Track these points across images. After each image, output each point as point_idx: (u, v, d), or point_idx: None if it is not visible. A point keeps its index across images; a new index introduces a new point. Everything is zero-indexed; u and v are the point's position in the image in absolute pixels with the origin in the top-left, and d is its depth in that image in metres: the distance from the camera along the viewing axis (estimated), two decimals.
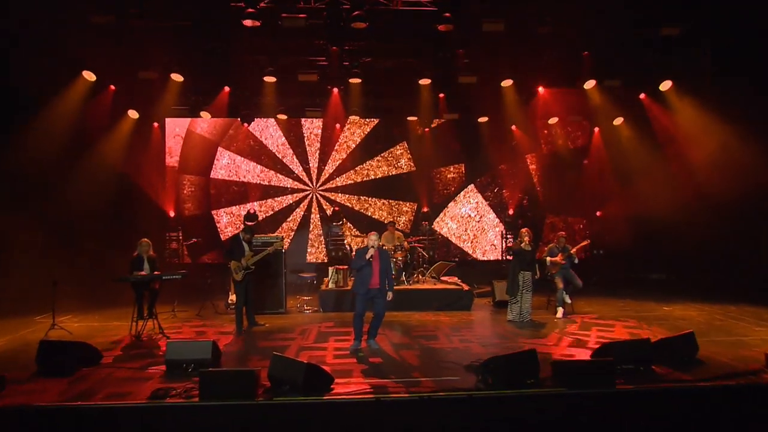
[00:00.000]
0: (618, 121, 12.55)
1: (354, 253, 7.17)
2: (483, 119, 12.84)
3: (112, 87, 11.03)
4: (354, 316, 6.80)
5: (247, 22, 8.35)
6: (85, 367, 5.87)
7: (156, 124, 12.92)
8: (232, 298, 9.41)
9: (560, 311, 8.95)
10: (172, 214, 13.01)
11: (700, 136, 10.70)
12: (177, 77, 10.40)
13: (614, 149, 13.13)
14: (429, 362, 6.13)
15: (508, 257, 12.87)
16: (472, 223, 14.20)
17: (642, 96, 11.78)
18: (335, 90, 11.49)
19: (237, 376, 4.93)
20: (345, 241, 12.41)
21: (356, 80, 10.62)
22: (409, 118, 12.99)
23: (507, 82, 10.86)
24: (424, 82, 10.82)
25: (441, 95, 11.61)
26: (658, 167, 12.25)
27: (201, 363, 5.66)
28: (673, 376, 5.39)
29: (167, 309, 9.12)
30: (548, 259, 9.08)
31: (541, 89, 11.73)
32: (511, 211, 13.82)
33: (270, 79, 10.47)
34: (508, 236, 13.39)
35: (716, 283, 11.47)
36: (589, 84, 10.55)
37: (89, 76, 9.97)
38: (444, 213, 14.08)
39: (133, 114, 11.65)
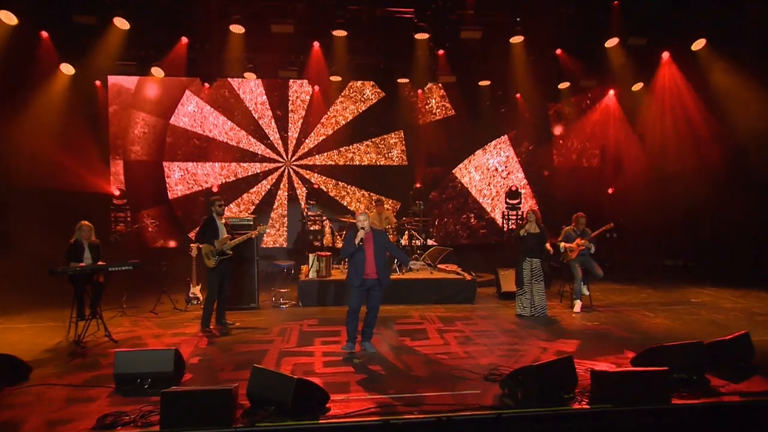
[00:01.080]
0: (637, 86, 12.14)
1: (343, 237, 6.58)
2: (484, 82, 12.26)
3: (45, 34, 9.90)
4: (347, 313, 6.24)
5: None
6: (7, 386, 5.11)
7: (98, 83, 11.85)
8: (195, 290, 8.71)
9: (578, 305, 8.59)
10: (117, 192, 12.07)
11: (736, 104, 10.36)
12: (122, 23, 9.40)
13: (631, 118, 12.80)
14: (439, 370, 5.63)
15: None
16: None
17: (666, 55, 11.32)
18: (316, 44, 10.66)
19: (208, 396, 4.30)
20: (324, 225, 11.78)
21: (340, 32, 9.83)
22: (400, 81, 12.28)
23: (516, 39, 10.25)
24: (421, 36, 10.11)
25: (440, 52, 10.90)
26: (682, 140, 11.97)
27: (160, 378, 5.03)
28: (730, 387, 5.01)
29: (115, 306, 8.41)
30: (563, 244, 8.67)
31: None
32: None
33: (237, 29, 9.58)
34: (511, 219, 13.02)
35: (739, 269, 11.38)
36: (612, 42, 10.04)
37: (8, 17, 8.81)
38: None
39: (67, 69, 10.55)
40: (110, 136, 12.29)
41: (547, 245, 8.34)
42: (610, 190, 13.70)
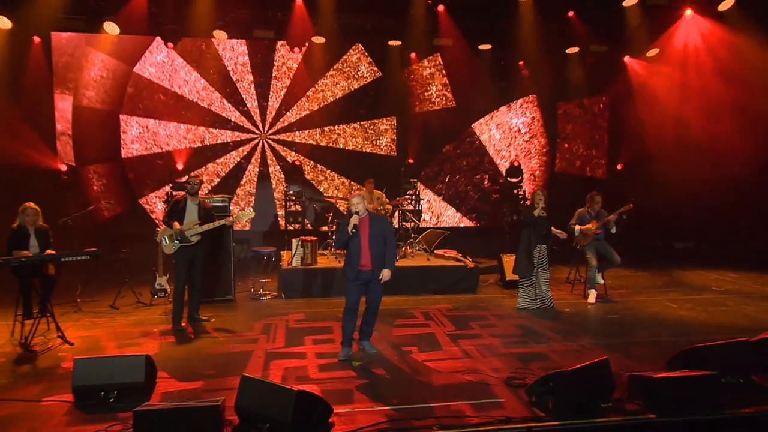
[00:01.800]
0: (652, 52, 11.88)
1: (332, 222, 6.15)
2: (484, 46, 11.85)
3: None
4: (344, 312, 5.85)
5: None
6: None
7: (37, 39, 10.99)
8: (162, 281, 8.23)
9: (593, 295, 8.40)
10: (64, 168, 11.34)
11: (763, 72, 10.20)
12: None
13: (645, 88, 12.59)
14: (450, 374, 5.32)
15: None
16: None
17: (689, 12, 11.00)
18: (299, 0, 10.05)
19: (192, 413, 3.90)
20: (307, 205, 11.33)
21: None
22: (390, 43, 11.75)
23: None
24: None
25: (440, 8, 10.37)
26: (701, 110, 11.82)
27: (129, 390, 4.61)
28: None
29: (68, 301, 7.89)
30: (578, 227, 8.42)
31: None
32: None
33: None
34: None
35: (754, 253, 11.41)
36: (631, 0, 9.69)
37: None
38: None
39: (2, 23, 9.70)
40: (58, 68, 11.34)
41: (554, 230, 8.10)
42: (618, 166, 13.53)
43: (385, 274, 5.80)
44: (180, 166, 11.78)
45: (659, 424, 4.30)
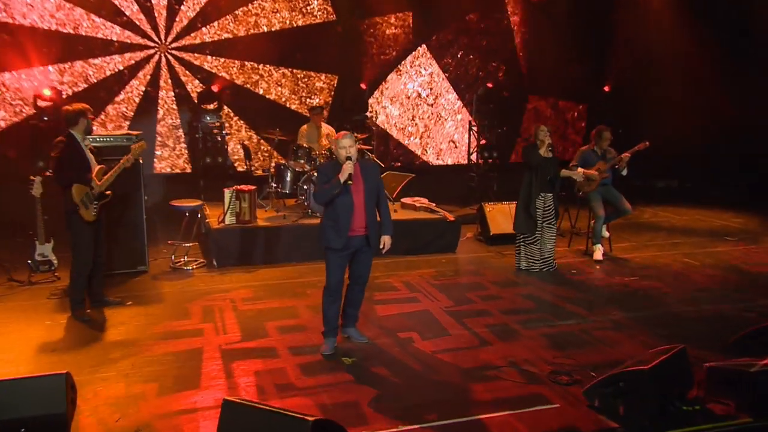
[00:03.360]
0: None
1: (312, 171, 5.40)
2: None
3: None
4: (324, 292, 5.21)
5: None
6: None
7: None
8: (45, 249, 7.05)
9: (599, 251, 8.29)
10: None
11: None
12: None
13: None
14: (478, 371, 4.88)
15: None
16: (423, 107, 12.81)
17: None
18: None
19: None
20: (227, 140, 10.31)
21: None
22: None
23: None
24: None
25: None
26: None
27: (45, 424, 3.74)
28: None
29: None
30: (580, 170, 8.11)
31: None
32: (491, 85, 12.66)
33: None
34: (474, 129, 12.29)
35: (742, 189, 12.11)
36: None
37: None
38: (380, 91, 12.44)
39: None
40: None
41: (565, 171, 7.82)
42: (606, 88, 13.42)
43: (387, 241, 5.29)
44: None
45: (759, 430, 4.09)
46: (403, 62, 12.54)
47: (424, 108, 12.91)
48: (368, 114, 10.62)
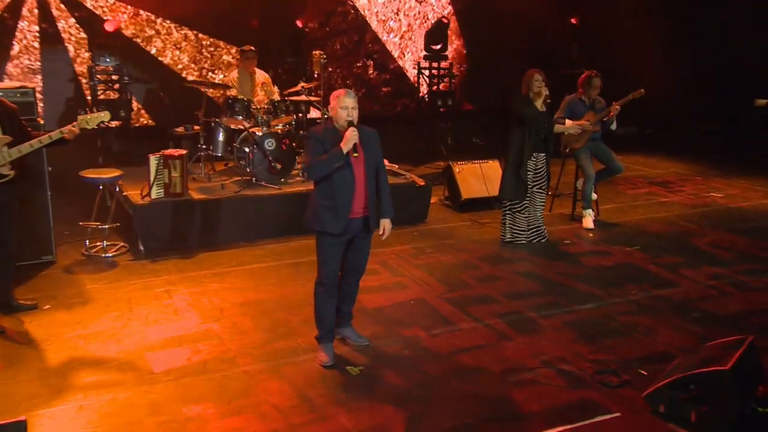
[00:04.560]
0: None
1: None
2: None
3: None
4: (316, 287, 4.88)
5: None
6: None
7: None
8: None
9: (589, 217, 8.33)
10: None
11: None
12: None
13: None
14: (512, 373, 4.73)
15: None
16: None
17: None
18: None
19: None
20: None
21: None
22: None
23: None
24: None
25: None
26: None
27: None
28: None
29: None
30: (569, 123, 8.02)
31: None
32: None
33: None
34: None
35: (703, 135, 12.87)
36: None
37: None
38: None
39: None
40: None
41: (559, 126, 7.78)
42: (573, 20, 13.43)
43: (387, 225, 4.98)
44: None
45: None
46: None
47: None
48: (318, 53, 9.72)
